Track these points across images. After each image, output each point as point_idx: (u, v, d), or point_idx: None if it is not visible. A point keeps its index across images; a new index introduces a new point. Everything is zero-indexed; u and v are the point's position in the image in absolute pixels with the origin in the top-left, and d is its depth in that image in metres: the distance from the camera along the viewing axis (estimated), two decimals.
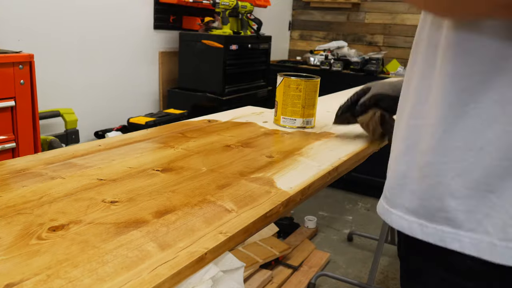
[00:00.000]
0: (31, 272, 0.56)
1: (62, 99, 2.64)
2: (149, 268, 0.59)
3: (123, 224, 0.70)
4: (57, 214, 0.72)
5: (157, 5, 3.19)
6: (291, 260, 2.79)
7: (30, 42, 2.39)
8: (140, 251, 0.62)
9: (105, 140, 1.17)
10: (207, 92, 3.19)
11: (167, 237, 0.67)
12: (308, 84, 1.38)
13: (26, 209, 0.73)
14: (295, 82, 1.37)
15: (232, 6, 3.21)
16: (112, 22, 2.89)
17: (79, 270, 0.57)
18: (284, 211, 0.85)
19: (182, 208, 0.77)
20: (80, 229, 0.68)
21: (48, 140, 2.31)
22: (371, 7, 4.53)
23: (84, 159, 1.00)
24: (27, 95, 1.89)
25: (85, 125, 2.75)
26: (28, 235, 0.65)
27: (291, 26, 4.99)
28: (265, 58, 3.64)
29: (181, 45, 3.29)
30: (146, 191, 0.84)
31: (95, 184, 0.86)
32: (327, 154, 1.14)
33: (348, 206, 3.87)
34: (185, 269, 0.60)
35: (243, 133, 1.32)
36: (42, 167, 0.93)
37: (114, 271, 0.57)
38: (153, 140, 1.20)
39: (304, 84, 1.37)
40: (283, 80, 1.39)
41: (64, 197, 0.79)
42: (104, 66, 2.90)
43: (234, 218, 0.75)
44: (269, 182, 0.92)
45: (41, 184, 0.84)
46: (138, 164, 0.98)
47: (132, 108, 3.13)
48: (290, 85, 1.38)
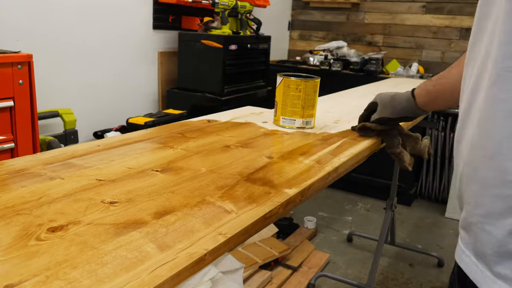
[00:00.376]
0: (30, 273, 0.56)
1: (61, 99, 2.64)
2: (148, 269, 0.58)
3: (122, 225, 0.70)
4: (56, 214, 0.72)
5: (156, 5, 3.19)
6: (290, 261, 2.79)
7: (29, 42, 2.39)
8: (140, 252, 0.62)
9: (104, 141, 1.17)
10: (207, 92, 3.19)
11: (166, 238, 0.67)
12: (308, 85, 1.37)
13: (25, 210, 0.73)
14: (294, 83, 1.37)
15: (232, 6, 3.21)
16: (111, 22, 2.89)
17: (78, 271, 0.57)
18: (283, 211, 0.85)
19: (181, 209, 0.77)
20: (79, 230, 0.68)
21: (47, 140, 2.31)
22: (371, 7, 4.53)
23: (83, 160, 1.00)
24: (26, 95, 1.89)
25: (84, 125, 2.75)
26: (27, 236, 0.65)
27: (290, 26, 5.00)
28: (264, 58, 3.64)
29: (180, 45, 3.29)
30: (145, 192, 0.84)
31: (94, 185, 0.86)
32: (327, 155, 1.14)
33: (347, 206, 3.87)
34: (184, 270, 0.60)
35: (243, 133, 1.32)
36: (41, 168, 0.93)
37: (113, 272, 0.57)
38: (152, 141, 1.20)
39: (303, 85, 1.37)
40: (282, 80, 1.39)
41: (63, 197, 0.79)
42: (103, 66, 2.90)
43: (234, 219, 0.75)
44: (268, 183, 0.92)
45: (40, 184, 0.84)
46: (137, 165, 0.98)
47: (131, 108, 3.13)
48: (290, 85, 1.38)
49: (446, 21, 4.19)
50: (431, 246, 3.21)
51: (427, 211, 3.87)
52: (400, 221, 3.59)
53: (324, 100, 1.89)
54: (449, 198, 3.74)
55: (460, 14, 4.10)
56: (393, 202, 2.69)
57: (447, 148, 3.85)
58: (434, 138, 3.89)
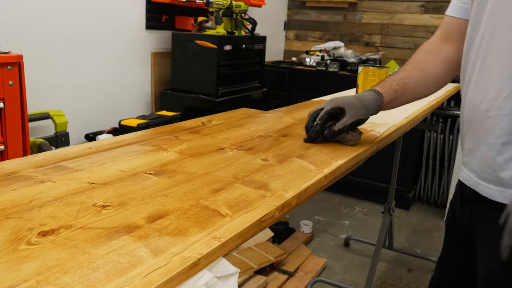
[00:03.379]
0: (20, 278, 0.56)
1: (52, 101, 2.63)
2: (141, 274, 0.59)
3: (115, 229, 0.70)
4: (47, 218, 0.72)
5: (149, 4, 3.19)
6: (286, 266, 2.79)
7: (19, 42, 2.39)
8: (132, 256, 0.63)
9: (96, 143, 1.17)
10: (201, 93, 3.19)
11: (159, 242, 0.67)
12: (381, 71, 1.86)
13: (15, 214, 0.73)
14: (372, 70, 1.87)
15: (226, 5, 3.21)
16: (103, 22, 2.89)
17: (70, 276, 0.57)
18: (279, 215, 0.85)
19: (175, 212, 0.77)
20: (70, 234, 0.68)
21: (38, 142, 2.31)
22: (368, 6, 4.54)
23: (74, 162, 1.00)
24: (16, 96, 1.89)
25: (76, 127, 2.75)
26: (17, 240, 0.65)
27: (286, 26, 5.01)
28: (259, 59, 3.65)
29: (173, 45, 3.29)
30: (138, 195, 0.84)
31: (86, 188, 0.86)
32: (324, 157, 1.15)
33: (345, 210, 3.87)
34: (178, 275, 0.60)
35: (238, 135, 1.32)
36: (31, 170, 0.93)
37: (105, 277, 0.58)
38: (145, 143, 1.20)
39: (378, 71, 1.86)
40: (363, 69, 1.88)
41: (54, 201, 0.79)
42: (95, 67, 2.90)
43: (228, 223, 0.75)
44: (264, 186, 0.92)
45: (30, 187, 0.84)
46: (130, 168, 0.99)
47: (123, 110, 3.13)
48: (369, 72, 1.87)
49: None
50: (430, 251, 3.22)
51: (426, 215, 3.88)
52: (398, 225, 3.60)
53: (321, 102, 1.90)
54: (448, 202, 3.74)
55: None
56: (391, 205, 2.70)
57: (446, 150, 3.86)
58: (433, 140, 3.90)
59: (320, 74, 4.14)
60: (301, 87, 4.23)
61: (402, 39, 4.44)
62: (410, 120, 1.69)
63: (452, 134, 3.82)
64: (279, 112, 1.70)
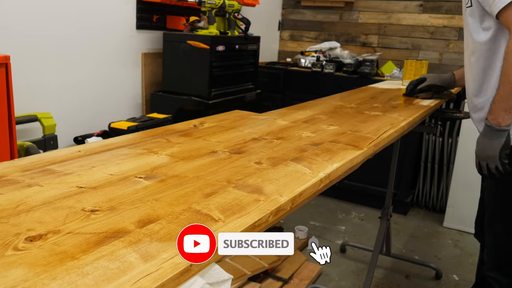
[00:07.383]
0: (7, 285, 0.56)
1: (39, 103, 2.63)
2: (131, 280, 0.59)
3: (104, 234, 0.70)
4: (35, 223, 0.72)
5: (140, 4, 3.19)
6: (280, 273, 2.79)
7: (5, 43, 2.38)
8: (122, 262, 0.63)
9: (85, 146, 1.17)
10: (193, 95, 3.19)
11: (150, 247, 0.67)
12: (417, 63, 2.72)
13: (1, 218, 0.73)
14: (410, 62, 2.74)
15: (219, 5, 3.22)
16: (92, 21, 2.89)
17: (58, 283, 0.57)
18: (273, 220, 0.86)
19: (166, 217, 0.78)
20: (58, 239, 0.68)
21: (25, 146, 2.30)
22: (365, 6, 4.56)
23: (63, 166, 1.00)
24: (3, 98, 1.88)
25: (64, 130, 2.74)
26: (4, 245, 0.65)
27: (280, 26, 5.02)
28: (253, 59, 3.65)
29: (165, 46, 3.29)
30: (128, 200, 0.84)
31: (74, 192, 0.86)
32: (319, 161, 1.15)
33: (341, 215, 3.88)
34: (169, 281, 0.61)
35: (231, 138, 1.33)
36: (18, 174, 0.93)
37: (94, 283, 0.58)
38: (136, 146, 1.20)
39: (414, 63, 2.73)
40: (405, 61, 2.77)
41: (42, 205, 0.79)
42: (83, 68, 2.89)
43: (221, 228, 0.75)
44: (257, 190, 0.93)
45: (17, 192, 0.84)
46: (119, 171, 0.99)
47: (113, 113, 3.12)
48: (408, 63, 2.74)
49: (444, 21, 4.23)
50: (428, 257, 3.23)
51: (424, 220, 3.89)
52: (396, 230, 3.61)
53: (317, 104, 1.91)
54: (447, 207, 3.75)
55: (459, 13, 4.13)
56: (388, 210, 2.71)
57: (445, 154, 3.88)
58: (432, 143, 3.92)
59: (316, 76, 4.15)
60: (296, 89, 4.24)
61: (400, 39, 4.46)
62: (408, 123, 1.70)
63: (451, 137, 3.84)
64: (273, 115, 1.70)
